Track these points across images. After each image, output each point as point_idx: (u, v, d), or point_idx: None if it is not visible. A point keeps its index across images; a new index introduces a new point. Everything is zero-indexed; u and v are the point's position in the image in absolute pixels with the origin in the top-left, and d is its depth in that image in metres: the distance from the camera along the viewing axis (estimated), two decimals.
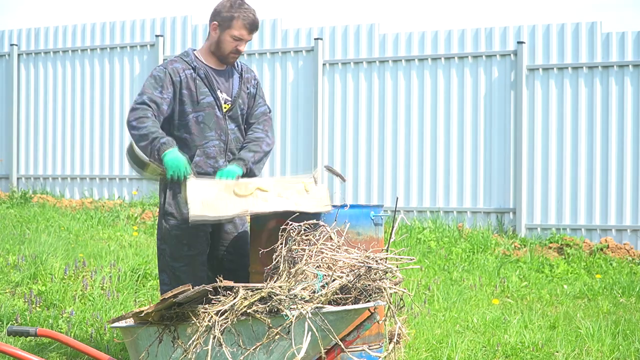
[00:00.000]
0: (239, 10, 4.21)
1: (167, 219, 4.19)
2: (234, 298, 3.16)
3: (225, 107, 4.28)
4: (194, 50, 4.34)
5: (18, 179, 11.64)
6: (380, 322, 3.40)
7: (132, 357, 3.30)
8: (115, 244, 8.16)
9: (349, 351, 3.37)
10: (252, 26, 4.24)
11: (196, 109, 4.22)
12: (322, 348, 3.26)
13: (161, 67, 4.25)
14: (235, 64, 4.38)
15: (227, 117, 4.28)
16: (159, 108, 4.17)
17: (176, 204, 4.17)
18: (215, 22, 4.25)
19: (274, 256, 3.47)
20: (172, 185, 4.16)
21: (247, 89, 4.38)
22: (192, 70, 4.23)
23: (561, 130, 9.51)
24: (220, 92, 4.27)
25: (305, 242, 3.46)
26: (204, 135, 4.23)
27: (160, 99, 4.17)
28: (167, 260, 4.21)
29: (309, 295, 3.17)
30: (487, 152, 9.70)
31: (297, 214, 3.72)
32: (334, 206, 3.94)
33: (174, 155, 4.04)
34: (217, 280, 3.32)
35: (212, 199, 3.89)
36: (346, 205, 3.94)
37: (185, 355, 3.15)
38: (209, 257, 4.32)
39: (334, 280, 3.24)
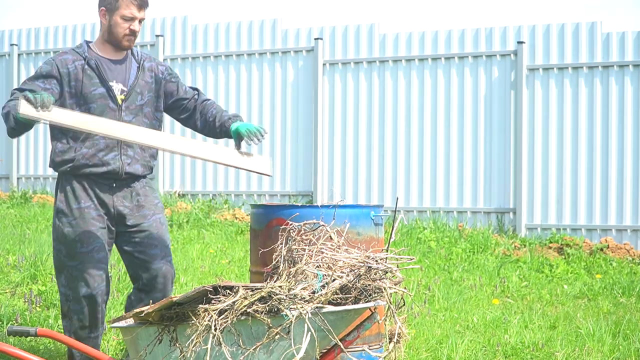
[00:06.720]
0: None
1: (59, 216, 4.06)
2: (234, 297, 3.16)
3: (120, 98, 4.09)
4: (89, 42, 4.17)
5: (18, 179, 11.64)
6: (380, 322, 3.40)
7: (132, 356, 3.30)
8: None
9: (348, 351, 3.37)
10: (141, 1, 4.08)
11: (87, 102, 4.03)
12: (321, 348, 3.26)
13: (50, 59, 4.08)
14: (135, 54, 4.21)
15: (122, 109, 4.09)
16: None
17: (66, 200, 4.06)
18: (102, 8, 4.09)
19: (274, 256, 3.47)
20: (64, 183, 4.07)
21: (150, 79, 4.19)
22: (83, 61, 4.06)
23: (561, 130, 9.51)
24: (116, 82, 4.10)
25: (305, 242, 3.46)
26: None
27: (40, 88, 3.95)
28: (63, 260, 4.05)
29: (309, 295, 3.17)
30: (487, 152, 9.70)
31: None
32: (333, 206, 3.93)
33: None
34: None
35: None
36: (342, 200, 3.92)
37: (185, 355, 3.15)
38: (121, 253, 4.16)
39: (334, 280, 3.24)
